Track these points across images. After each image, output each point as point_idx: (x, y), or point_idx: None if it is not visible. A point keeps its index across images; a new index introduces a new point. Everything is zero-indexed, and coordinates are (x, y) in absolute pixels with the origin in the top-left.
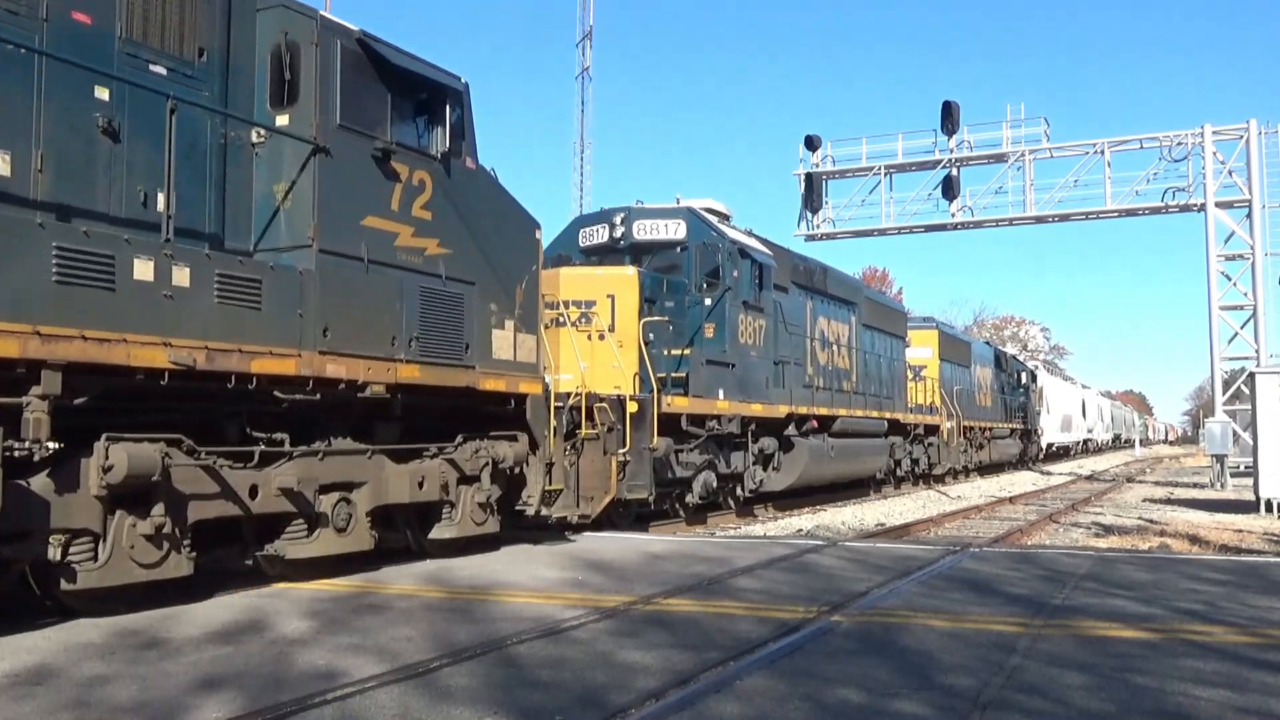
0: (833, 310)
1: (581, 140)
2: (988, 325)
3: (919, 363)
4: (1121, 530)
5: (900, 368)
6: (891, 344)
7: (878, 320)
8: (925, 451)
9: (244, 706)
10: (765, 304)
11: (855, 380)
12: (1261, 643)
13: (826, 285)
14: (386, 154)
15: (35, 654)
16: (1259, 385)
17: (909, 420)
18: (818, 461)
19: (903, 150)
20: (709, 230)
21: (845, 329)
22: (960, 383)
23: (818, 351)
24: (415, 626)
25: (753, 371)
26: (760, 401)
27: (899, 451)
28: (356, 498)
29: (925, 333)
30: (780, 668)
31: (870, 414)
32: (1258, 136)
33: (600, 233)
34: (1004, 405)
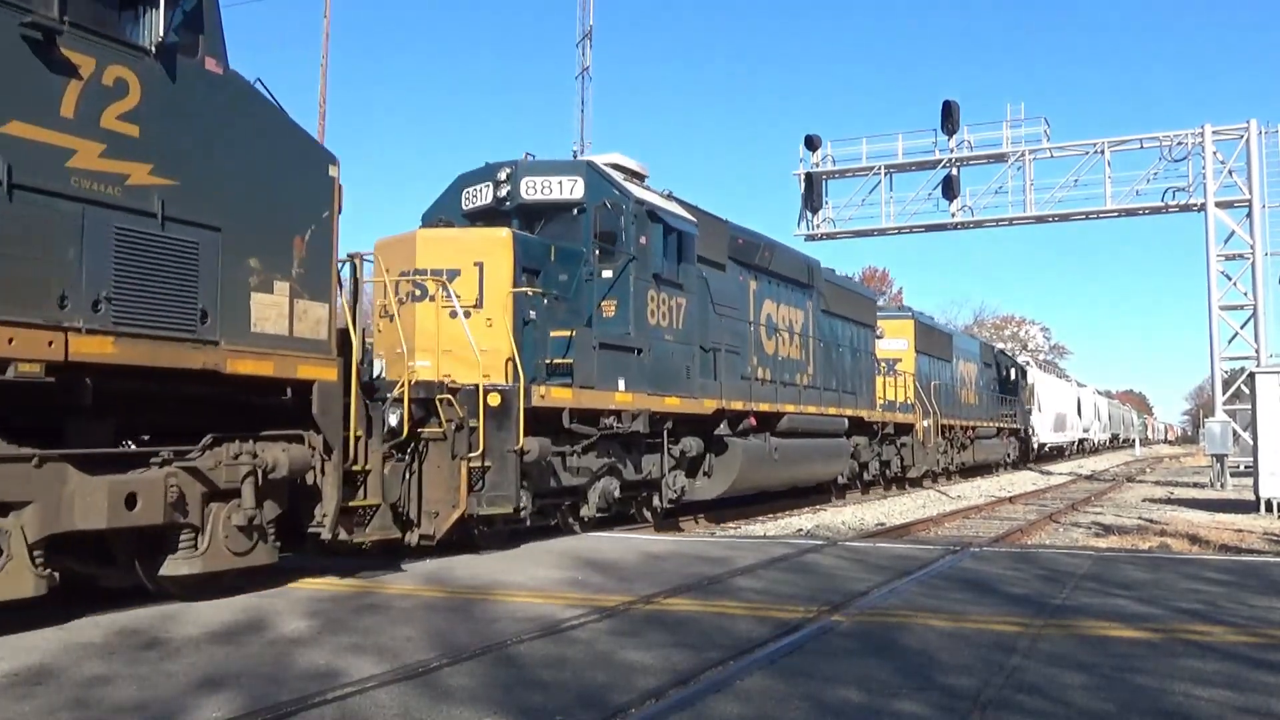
0: (784, 293)
1: (581, 140)
2: (988, 325)
3: (892, 356)
4: (1121, 530)
5: (868, 360)
6: (858, 334)
7: (841, 307)
8: (898, 452)
9: (244, 706)
10: (686, 279)
11: (812, 373)
12: (1261, 642)
13: (774, 264)
14: (49, 35)
15: (35, 654)
16: (1259, 385)
17: (875, 418)
18: (757, 465)
19: (903, 150)
20: (611, 189)
21: (800, 315)
22: (940, 378)
23: (763, 339)
24: (415, 626)
25: (669, 359)
26: (680, 394)
27: (865, 453)
28: (12, 524)
29: (899, 323)
30: (780, 667)
31: (827, 411)
32: (1258, 136)
33: (483, 193)
34: (991, 403)
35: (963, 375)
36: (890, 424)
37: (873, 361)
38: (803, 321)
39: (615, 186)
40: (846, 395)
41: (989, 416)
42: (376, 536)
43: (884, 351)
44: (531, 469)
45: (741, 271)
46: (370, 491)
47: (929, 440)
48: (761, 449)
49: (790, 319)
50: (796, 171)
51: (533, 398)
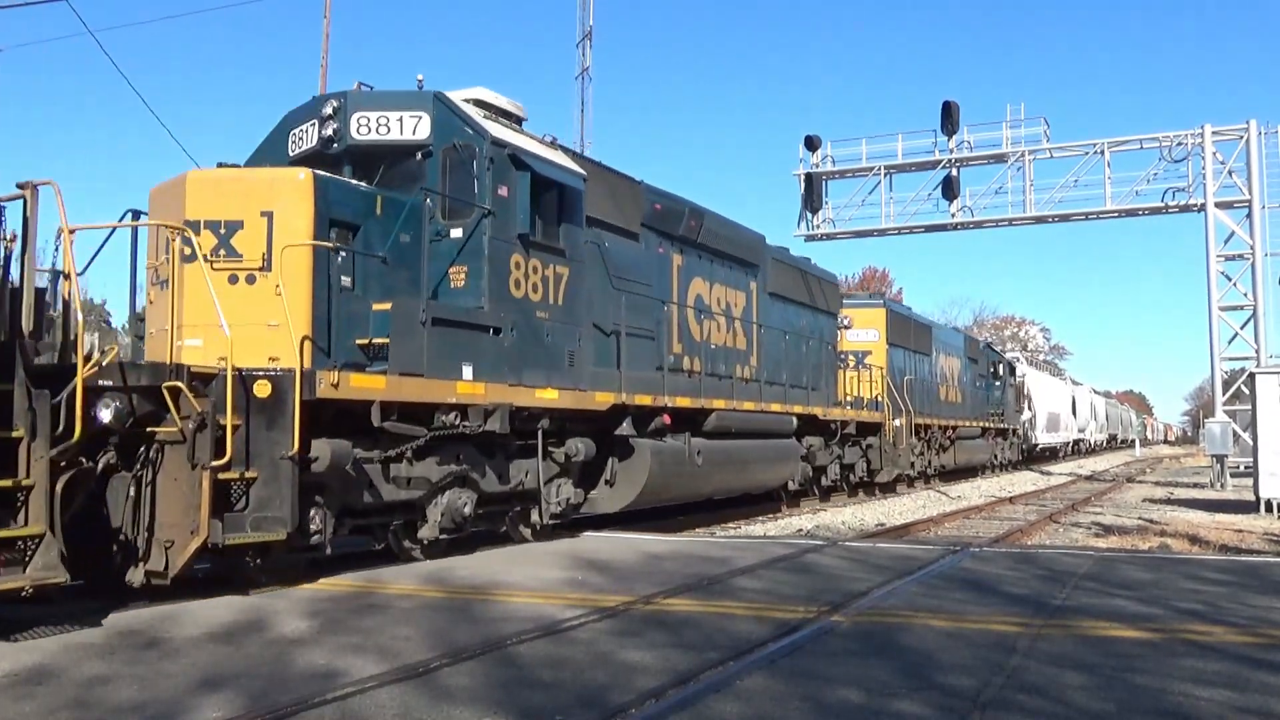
0: (719, 271)
1: (581, 140)
2: (988, 325)
3: (861, 347)
4: (1121, 530)
5: (829, 352)
6: (816, 321)
7: (795, 291)
8: (863, 454)
9: (244, 706)
10: (571, 245)
11: (756, 365)
12: (1262, 642)
13: (704, 237)
14: None
15: (35, 654)
16: (1259, 385)
17: (833, 416)
18: (674, 471)
19: (903, 150)
20: (464, 127)
21: (740, 297)
22: (917, 373)
23: (690, 323)
24: (415, 626)
25: (541, 341)
26: (560, 385)
27: (821, 455)
28: None
29: (870, 311)
30: (780, 668)
31: (770, 408)
32: (1258, 136)
33: (309, 133)
34: (977, 401)
35: (944, 370)
36: (852, 423)
37: (834, 353)
38: (744, 305)
39: (469, 124)
40: (799, 391)
41: (974, 415)
42: (43, 576)
43: (852, 343)
44: (330, 481)
45: (662, 243)
46: (32, 516)
47: (901, 441)
48: (679, 452)
49: (728, 302)
50: (796, 172)
51: (318, 386)
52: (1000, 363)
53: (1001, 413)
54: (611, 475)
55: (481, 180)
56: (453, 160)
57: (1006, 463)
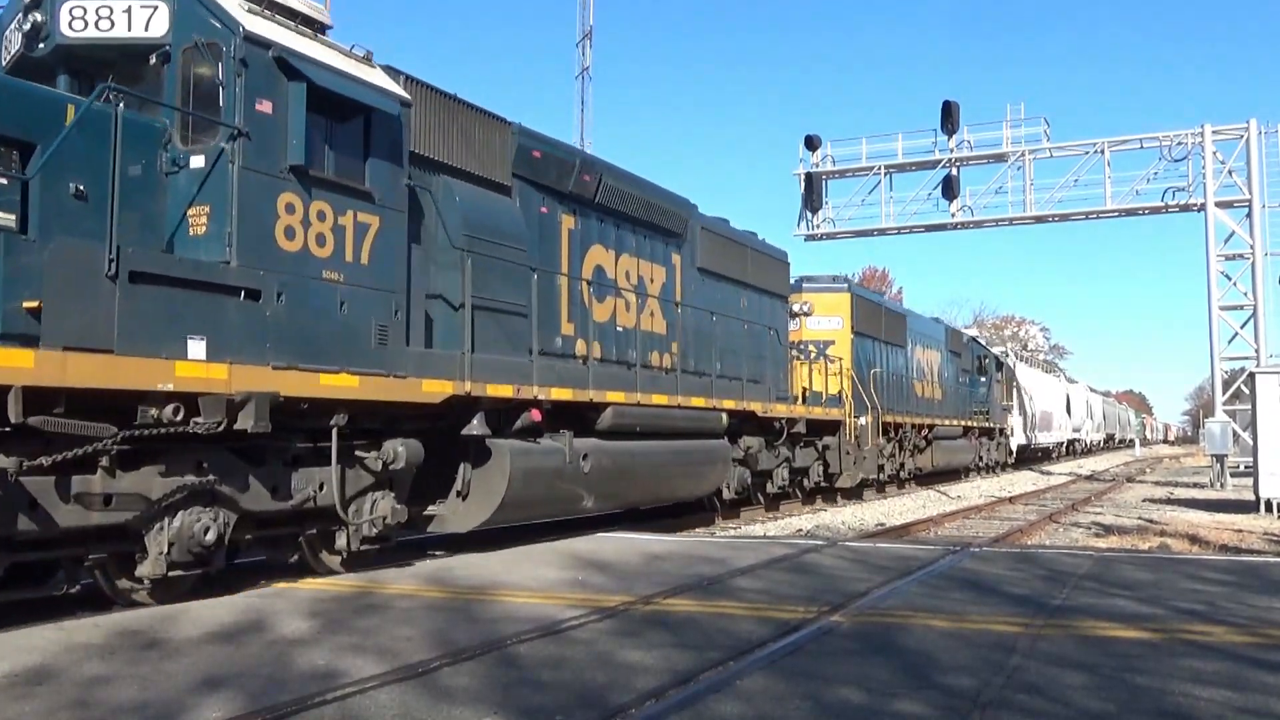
0: (629, 240)
1: (581, 140)
2: (988, 325)
3: (823, 337)
4: (1121, 530)
5: (774, 339)
6: (760, 305)
7: (731, 267)
8: (819, 457)
9: (244, 706)
10: (383, 187)
11: (678, 352)
12: (1262, 642)
13: (605, 196)
14: None
15: (35, 654)
16: (1259, 385)
17: (776, 413)
18: (548, 480)
19: (903, 150)
20: (211, 20)
21: (660, 273)
22: (887, 366)
23: (585, 300)
24: (415, 626)
25: (331, 312)
26: (364, 369)
27: (765, 458)
28: None
29: (833, 297)
30: (780, 668)
31: (690, 402)
32: (1258, 136)
33: (14, 36)
34: (959, 398)
35: (921, 364)
36: (800, 421)
37: (785, 342)
38: (665, 282)
39: (217, 15)
40: (735, 383)
41: (955, 414)
42: None
43: (813, 332)
44: None
45: (546, 200)
46: None
47: (866, 441)
48: (554, 456)
49: (641, 276)
50: (796, 171)
51: None
52: (986, 357)
53: (987, 411)
54: (465, 486)
55: (230, 89)
56: (194, 63)
57: (994, 465)
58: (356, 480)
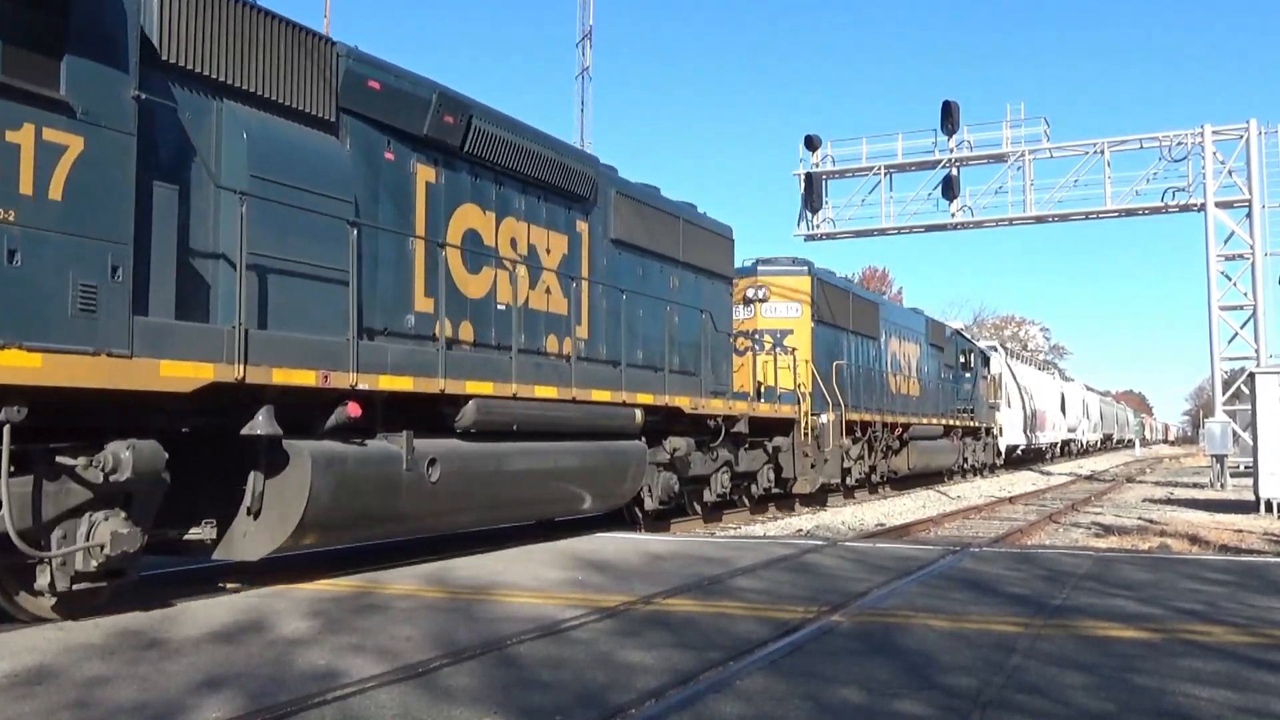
0: (516, 201)
1: (581, 140)
2: (988, 325)
3: (779, 325)
4: (1121, 530)
5: (712, 326)
6: (695, 285)
7: (657, 240)
8: (770, 459)
9: (244, 706)
10: (93, 99)
11: (584, 336)
12: (1262, 642)
13: (478, 144)
14: None
15: (35, 654)
16: (1259, 385)
17: (710, 410)
18: (371, 494)
19: (903, 150)
20: None
21: (558, 241)
22: (856, 359)
23: (451, 269)
24: (415, 626)
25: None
26: (56, 345)
27: (699, 462)
28: None
29: (791, 280)
30: (780, 667)
31: (592, 396)
32: (1258, 136)
33: None
34: (941, 395)
35: (897, 358)
36: (742, 419)
37: (728, 328)
38: (567, 254)
39: None
40: (655, 376)
41: (936, 412)
42: None
43: (769, 320)
44: None
45: (393, 144)
46: None
47: (829, 442)
48: (383, 462)
49: (535, 245)
50: (796, 171)
51: None
52: (971, 352)
53: (972, 409)
54: (255, 500)
55: None
56: None
57: (981, 466)
58: (60, 497)
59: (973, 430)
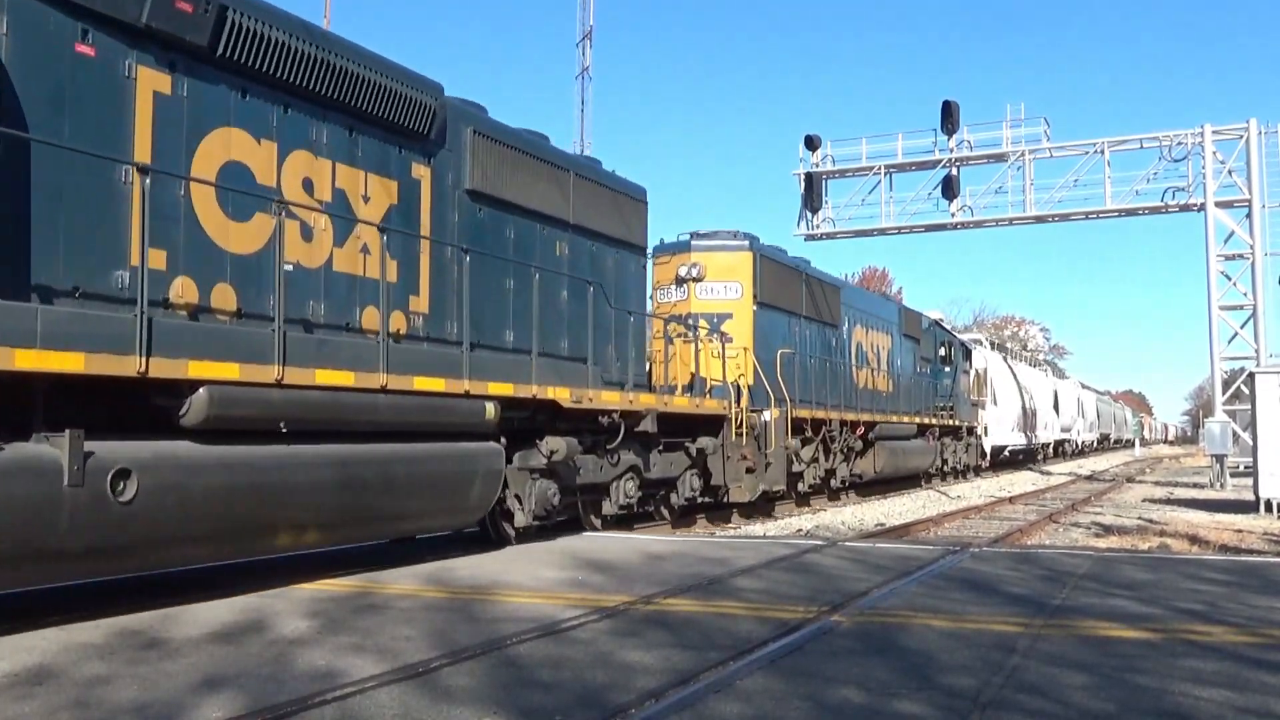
0: (305, 128)
1: (581, 140)
2: (988, 325)
3: (715, 308)
4: (1121, 530)
5: (602, 304)
6: (593, 255)
7: (532, 194)
8: (693, 463)
9: (244, 706)
10: None
11: (424, 310)
12: (1262, 642)
13: (236, 47)
14: None
15: (35, 654)
16: (1259, 385)
17: (599, 404)
18: None
19: (903, 150)
20: None
21: (382, 189)
22: (810, 348)
23: (196, 211)
24: (415, 626)
25: None
26: None
27: (592, 468)
28: None
29: (729, 257)
30: (780, 667)
31: (415, 384)
32: (1258, 136)
33: None
34: (918, 391)
35: (863, 349)
36: (648, 415)
37: (640, 308)
38: (397, 205)
39: None
40: (520, 360)
41: (911, 409)
42: None
43: (704, 302)
44: None
45: (89, 34)
46: None
47: (771, 442)
48: (12, 473)
49: (345, 191)
50: (796, 171)
51: None
52: (951, 344)
53: (952, 406)
54: None
55: None
56: None
57: (964, 469)
58: None
59: (953, 429)
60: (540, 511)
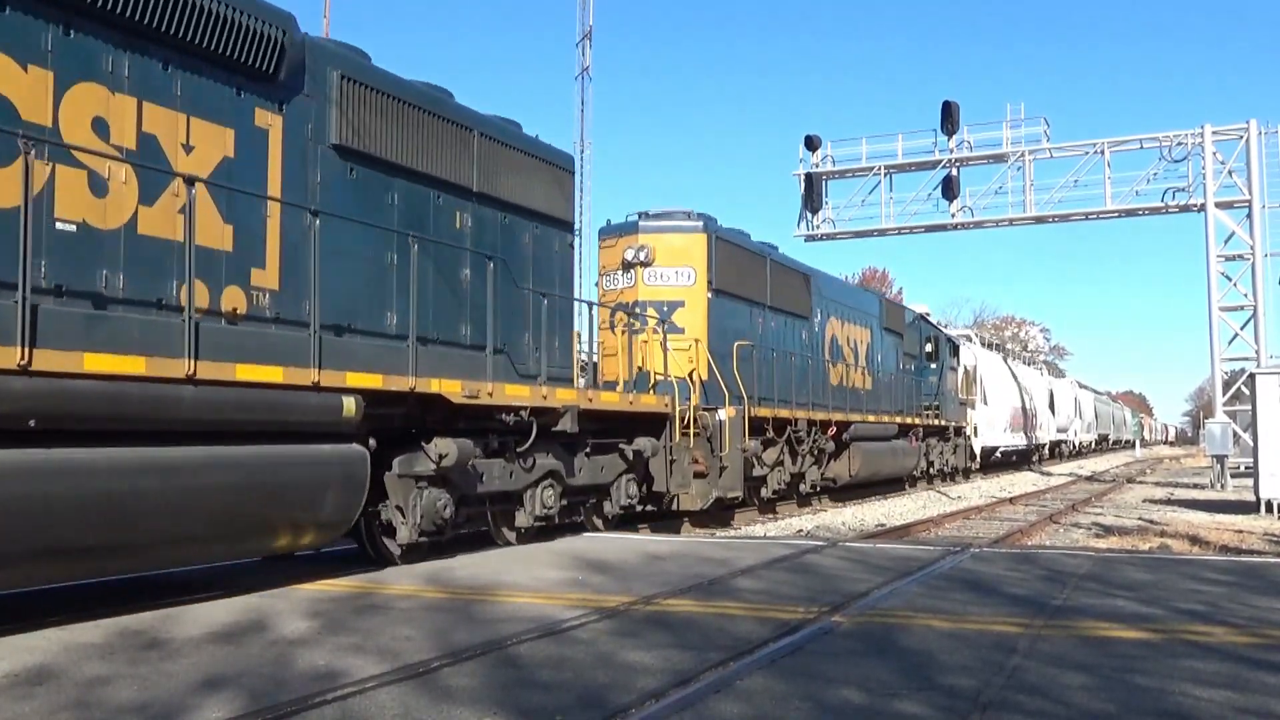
0: (97, 56)
1: (581, 140)
2: (988, 325)
3: (664, 296)
4: (1122, 531)
5: (520, 292)
6: (504, 228)
7: (426, 157)
8: (629, 468)
9: (245, 706)
10: None
11: (276, 285)
12: (1262, 643)
13: None
14: None
15: (35, 654)
16: (1259, 386)
17: (501, 400)
18: None
19: (903, 150)
20: None
21: (211, 136)
22: (774, 341)
23: None
24: (416, 626)
25: None
26: None
27: (499, 475)
28: None
29: (680, 239)
30: (781, 668)
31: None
32: (1258, 136)
33: None
34: (901, 389)
35: (838, 343)
36: (567, 414)
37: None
38: (234, 158)
39: None
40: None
41: (894, 408)
42: None
43: (652, 289)
44: None
45: None
46: None
47: (725, 444)
48: None
49: (158, 137)
50: (796, 172)
51: None
52: (938, 339)
53: (938, 405)
54: None
55: None
56: None
57: (952, 471)
58: None
59: (939, 430)
60: (429, 526)
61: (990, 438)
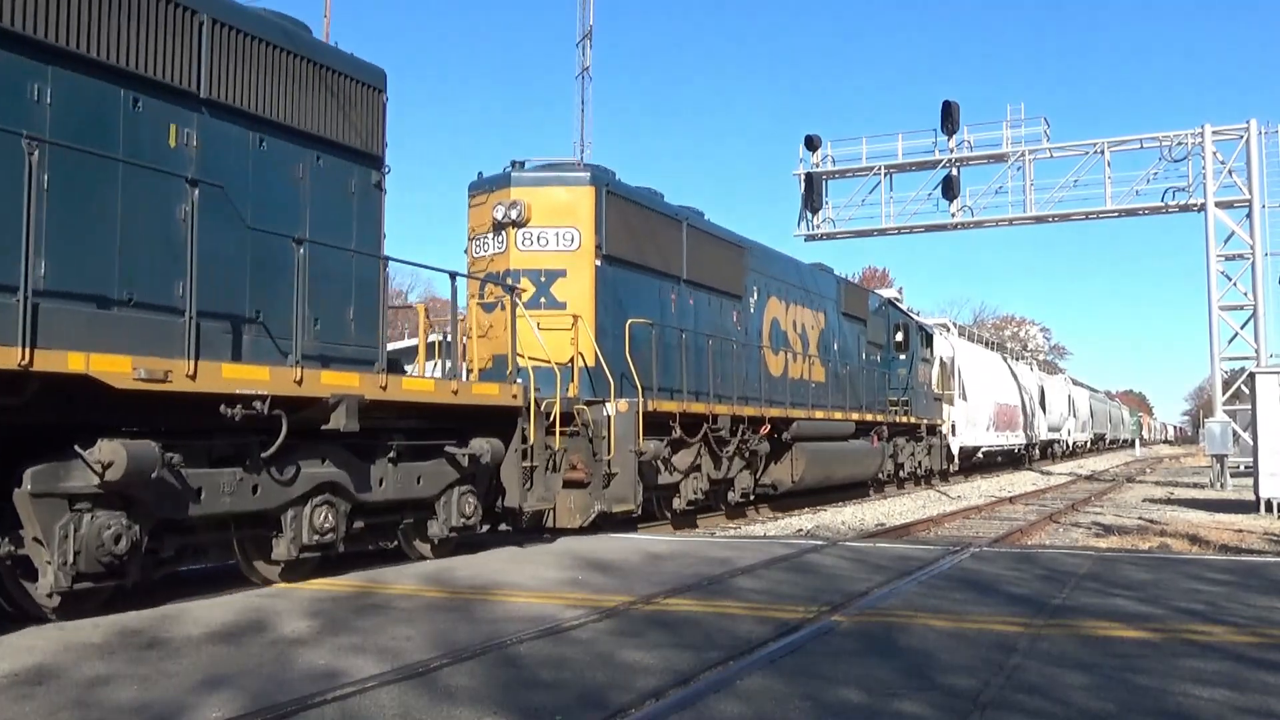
0: None
1: (581, 140)
2: (988, 325)
3: (542, 263)
4: (1122, 530)
5: (274, 240)
6: (249, 150)
7: (101, 37)
8: (462, 477)
9: (245, 706)
10: None
11: None
12: (1262, 642)
13: None
14: None
15: (35, 654)
16: (1259, 385)
17: (213, 386)
18: None
19: (903, 150)
20: None
21: None
22: (697, 323)
23: None
24: (416, 626)
25: None
26: None
27: (231, 491)
28: None
29: (563, 194)
30: (781, 667)
31: None
32: (1258, 136)
33: None
34: (864, 382)
35: (780, 327)
36: (341, 403)
37: (377, 248)
38: None
39: None
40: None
41: (852, 404)
42: None
43: (526, 254)
44: None
45: None
46: None
47: (612, 446)
48: None
49: None
50: (796, 171)
51: None
52: (908, 327)
53: (908, 401)
54: None
55: None
56: None
57: (925, 474)
58: None
59: (909, 428)
60: (92, 566)
61: (970, 437)
